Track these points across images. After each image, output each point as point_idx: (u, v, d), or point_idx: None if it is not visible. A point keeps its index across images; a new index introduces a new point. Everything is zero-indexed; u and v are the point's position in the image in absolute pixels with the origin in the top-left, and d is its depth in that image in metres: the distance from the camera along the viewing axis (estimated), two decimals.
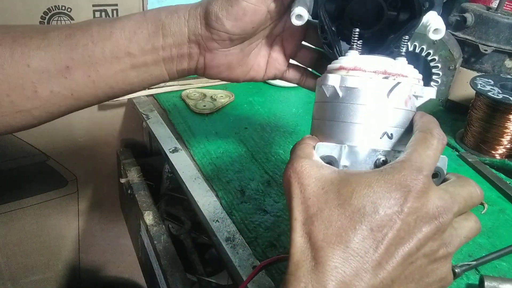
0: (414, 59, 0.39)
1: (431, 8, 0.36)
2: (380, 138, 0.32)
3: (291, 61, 0.46)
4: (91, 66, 0.37)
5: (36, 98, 0.36)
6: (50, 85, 0.36)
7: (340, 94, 0.33)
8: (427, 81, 0.69)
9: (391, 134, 0.32)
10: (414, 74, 0.34)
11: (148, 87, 0.41)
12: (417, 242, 0.27)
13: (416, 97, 0.33)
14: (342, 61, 0.34)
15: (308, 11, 0.38)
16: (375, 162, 0.31)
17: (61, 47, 0.36)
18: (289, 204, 0.29)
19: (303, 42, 0.45)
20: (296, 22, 0.37)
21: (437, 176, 0.31)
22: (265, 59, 0.44)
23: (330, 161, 0.31)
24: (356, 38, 0.35)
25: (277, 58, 0.44)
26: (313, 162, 0.30)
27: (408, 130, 0.32)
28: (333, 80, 0.33)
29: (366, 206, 0.27)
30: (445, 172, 0.31)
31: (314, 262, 0.27)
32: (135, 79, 0.39)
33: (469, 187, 0.31)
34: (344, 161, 0.31)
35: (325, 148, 0.31)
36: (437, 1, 0.36)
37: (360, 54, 0.35)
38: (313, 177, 0.29)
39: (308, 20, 0.38)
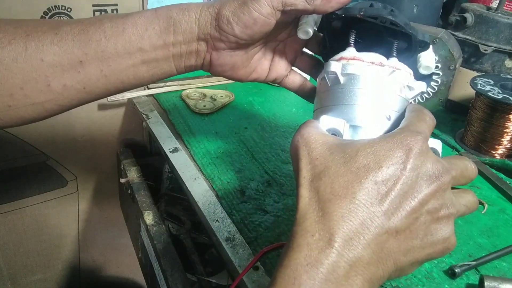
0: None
1: (426, 48, 0.40)
2: (380, 118, 0.34)
3: (293, 69, 0.48)
4: (104, 61, 0.38)
5: (49, 92, 0.37)
6: (63, 79, 0.37)
7: (342, 80, 0.36)
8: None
9: (389, 116, 0.34)
10: (406, 69, 0.37)
11: (156, 81, 0.43)
12: (420, 198, 0.28)
13: (409, 88, 0.36)
14: (342, 54, 0.37)
15: (316, 24, 0.41)
16: None
17: (75, 42, 0.37)
18: (296, 166, 0.31)
19: (304, 49, 0.47)
20: (302, 36, 0.40)
21: None
22: (268, 63, 0.46)
23: (333, 133, 0.33)
24: (353, 39, 0.39)
25: (280, 63, 0.46)
26: (319, 130, 0.32)
27: (403, 116, 0.35)
28: (335, 66, 0.35)
29: (370, 162, 0.28)
30: (440, 153, 0.33)
31: (321, 213, 0.28)
32: (145, 73, 0.40)
33: (464, 160, 0.33)
34: (346, 137, 0.34)
35: (329, 120, 0.34)
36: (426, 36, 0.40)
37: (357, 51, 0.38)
38: (319, 141, 0.31)
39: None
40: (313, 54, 0.48)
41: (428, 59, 0.40)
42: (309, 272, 0.26)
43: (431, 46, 0.40)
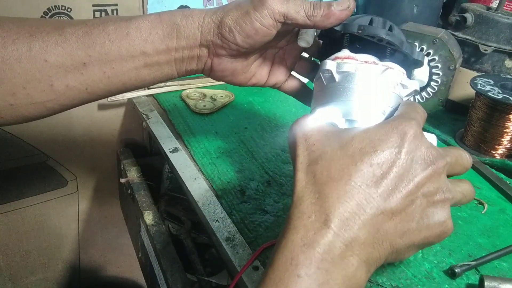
0: None
1: (420, 65, 0.41)
2: (375, 112, 0.35)
3: (292, 73, 0.49)
4: (107, 63, 0.38)
5: (52, 92, 0.37)
6: (66, 79, 0.37)
7: (337, 78, 0.37)
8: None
9: (384, 111, 0.35)
10: (399, 68, 0.38)
11: (158, 83, 0.43)
12: (416, 181, 0.29)
13: (403, 86, 0.37)
14: (336, 54, 0.39)
15: (316, 31, 0.43)
16: None
17: (78, 44, 0.37)
18: (294, 154, 0.32)
19: (303, 53, 0.48)
20: (303, 45, 0.42)
21: None
22: (268, 68, 0.47)
23: (330, 124, 0.34)
24: (347, 41, 0.40)
25: (279, 68, 0.47)
26: (316, 119, 0.33)
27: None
28: (330, 65, 0.37)
29: (366, 146, 0.29)
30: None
31: (318, 195, 0.28)
32: (147, 76, 0.41)
33: (458, 150, 0.33)
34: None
35: (326, 113, 0.35)
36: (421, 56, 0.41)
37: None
38: (316, 129, 0.32)
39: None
40: (312, 58, 0.48)
41: (422, 74, 0.42)
42: (306, 253, 0.26)
43: (426, 63, 0.42)
